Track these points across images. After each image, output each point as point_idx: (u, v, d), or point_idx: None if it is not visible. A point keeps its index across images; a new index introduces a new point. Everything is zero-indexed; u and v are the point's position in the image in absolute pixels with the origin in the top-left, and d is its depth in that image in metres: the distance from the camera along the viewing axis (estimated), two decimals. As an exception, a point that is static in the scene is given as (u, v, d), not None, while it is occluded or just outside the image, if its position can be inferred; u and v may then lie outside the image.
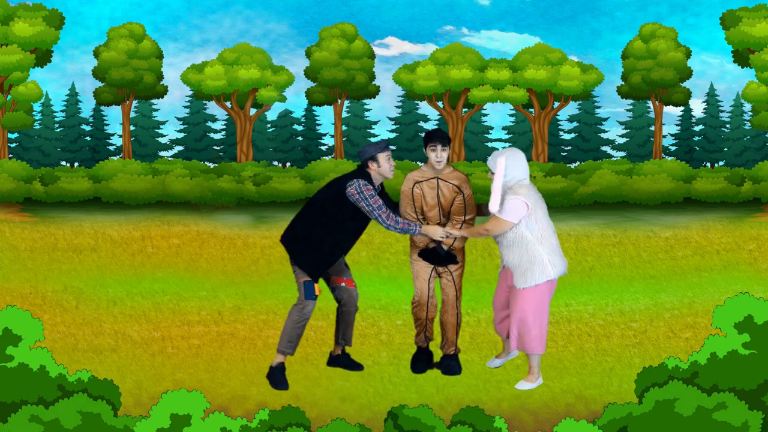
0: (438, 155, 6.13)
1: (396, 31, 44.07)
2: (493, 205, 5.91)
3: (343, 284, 6.30)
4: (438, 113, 35.08)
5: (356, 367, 6.31)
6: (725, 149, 36.10)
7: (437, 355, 6.72)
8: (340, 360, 6.38)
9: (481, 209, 6.47)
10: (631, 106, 36.91)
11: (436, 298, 6.55)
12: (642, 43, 28.37)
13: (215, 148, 37.42)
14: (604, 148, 36.99)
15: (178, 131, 37.57)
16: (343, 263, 6.39)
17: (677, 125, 37.01)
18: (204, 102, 36.48)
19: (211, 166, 26.01)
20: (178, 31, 42.63)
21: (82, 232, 13.50)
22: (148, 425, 3.81)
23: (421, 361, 6.58)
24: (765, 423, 3.90)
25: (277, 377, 5.96)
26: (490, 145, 37.47)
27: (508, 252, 5.99)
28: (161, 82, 29.82)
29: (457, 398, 5.55)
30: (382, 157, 6.06)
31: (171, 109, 39.59)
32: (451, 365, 6.53)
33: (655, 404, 3.92)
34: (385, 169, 6.07)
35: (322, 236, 6.02)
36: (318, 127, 37.51)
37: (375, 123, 37.26)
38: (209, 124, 37.53)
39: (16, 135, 35.58)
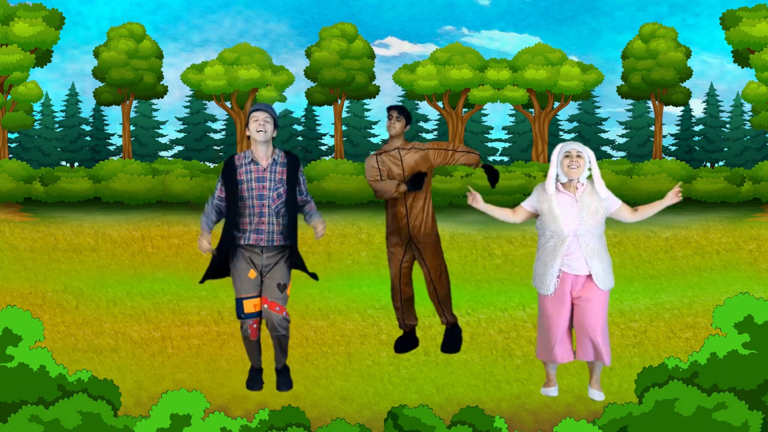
0: (393, 123, 6.79)
1: (396, 31, 44.07)
2: (605, 190, 5.47)
3: (265, 305, 5.46)
4: (438, 113, 35.09)
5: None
6: (725, 149, 36.10)
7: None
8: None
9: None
10: (631, 106, 36.90)
11: (412, 283, 6.74)
12: (642, 43, 28.34)
13: (215, 148, 37.42)
14: (604, 148, 36.99)
15: (178, 131, 37.57)
16: (276, 279, 5.53)
17: (677, 125, 37.01)
18: (204, 102, 36.47)
19: (211, 166, 26.01)
20: (178, 31, 42.63)
21: (82, 232, 13.49)
22: (148, 425, 3.81)
23: (401, 342, 6.74)
24: (765, 423, 3.90)
25: (248, 378, 5.65)
26: (490, 145, 37.48)
27: (597, 250, 5.36)
28: (161, 82, 29.79)
29: (457, 398, 5.55)
30: (251, 118, 5.51)
31: (171, 109, 39.58)
32: (450, 343, 6.65)
33: (655, 404, 3.92)
34: (251, 129, 5.53)
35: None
36: (318, 127, 37.50)
37: (375, 123, 37.22)
38: (209, 124, 37.52)
39: (16, 135, 35.58)
